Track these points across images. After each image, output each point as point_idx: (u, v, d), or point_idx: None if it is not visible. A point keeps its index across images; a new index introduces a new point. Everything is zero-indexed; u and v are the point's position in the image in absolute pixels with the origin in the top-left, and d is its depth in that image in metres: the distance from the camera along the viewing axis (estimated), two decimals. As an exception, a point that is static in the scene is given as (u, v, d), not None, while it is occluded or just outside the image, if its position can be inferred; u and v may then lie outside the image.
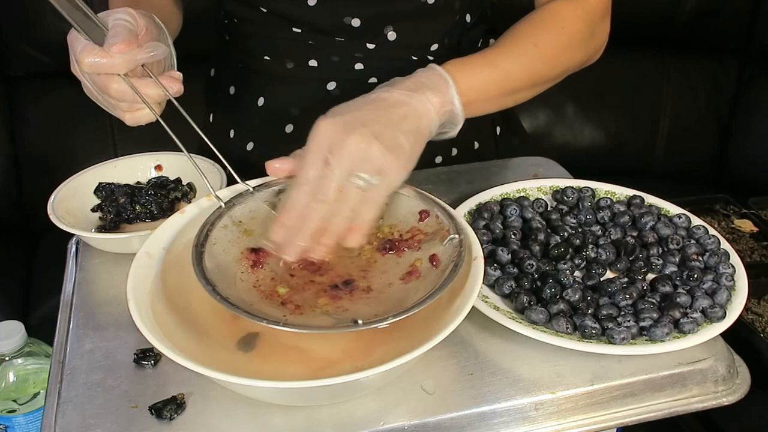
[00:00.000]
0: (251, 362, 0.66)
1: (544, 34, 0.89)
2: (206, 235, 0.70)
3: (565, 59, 0.90)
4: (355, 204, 0.70)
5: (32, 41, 1.72)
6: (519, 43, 0.88)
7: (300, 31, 0.97)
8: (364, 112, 0.73)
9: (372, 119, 0.72)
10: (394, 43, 0.98)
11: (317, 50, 0.99)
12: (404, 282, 0.69)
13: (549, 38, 0.89)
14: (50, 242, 1.69)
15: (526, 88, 0.88)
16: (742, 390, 0.72)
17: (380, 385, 0.66)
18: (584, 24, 0.92)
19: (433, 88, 0.78)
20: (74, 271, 0.84)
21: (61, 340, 0.74)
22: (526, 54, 0.87)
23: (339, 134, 0.70)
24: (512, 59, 0.86)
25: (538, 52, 0.88)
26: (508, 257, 0.79)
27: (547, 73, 0.89)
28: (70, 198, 0.89)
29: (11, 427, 1.11)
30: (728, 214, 1.36)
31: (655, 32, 1.94)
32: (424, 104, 0.76)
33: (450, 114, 0.80)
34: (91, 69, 0.73)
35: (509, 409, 0.66)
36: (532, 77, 0.88)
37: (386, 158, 0.70)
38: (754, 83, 1.91)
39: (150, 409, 0.65)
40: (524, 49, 0.87)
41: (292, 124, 1.03)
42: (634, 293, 0.75)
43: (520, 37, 0.89)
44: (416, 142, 0.74)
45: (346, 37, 0.97)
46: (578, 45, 0.92)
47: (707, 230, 0.85)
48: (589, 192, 0.90)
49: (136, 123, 0.78)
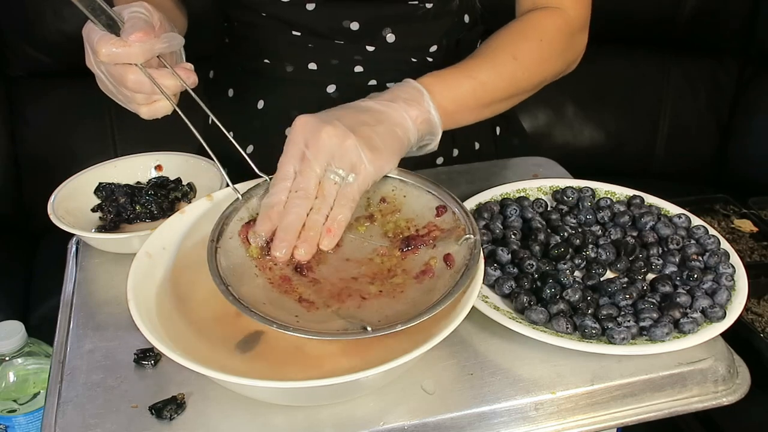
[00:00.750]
0: (251, 362, 0.66)
1: (523, 45, 0.90)
2: (221, 229, 0.71)
3: (543, 70, 0.91)
4: (332, 202, 0.71)
5: (32, 41, 1.72)
6: (498, 54, 0.89)
7: (299, 35, 0.97)
8: (342, 112, 0.75)
9: (348, 117, 0.73)
10: (393, 45, 0.98)
11: (317, 53, 0.99)
12: (417, 281, 0.69)
13: (528, 50, 0.89)
14: (50, 242, 1.69)
15: (504, 99, 0.89)
16: (742, 390, 0.72)
17: (380, 385, 0.66)
18: (563, 35, 0.92)
19: (408, 99, 0.79)
20: (74, 271, 0.84)
21: (61, 340, 0.74)
22: (505, 65, 0.88)
23: (315, 127, 0.71)
24: (490, 71, 0.87)
25: (516, 65, 0.88)
26: (508, 257, 0.79)
27: (526, 84, 0.90)
28: (70, 198, 0.89)
29: (11, 427, 1.11)
30: (728, 214, 1.36)
31: (655, 32, 1.93)
32: (399, 113, 0.78)
33: (428, 124, 0.81)
34: (109, 59, 0.73)
35: (509, 409, 0.66)
36: (509, 89, 0.89)
37: (360, 152, 0.71)
38: (754, 83, 1.91)
39: (150, 409, 0.65)
40: (503, 60, 0.88)
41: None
42: (634, 293, 0.75)
43: (500, 48, 0.89)
44: (391, 145, 0.75)
45: (345, 40, 0.97)
46: (557, 56, 0.92)
47: (707, 230, 0.85)
48: (589, 192, 0.90)
49: (153, 116, 0.78)
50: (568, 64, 0.95)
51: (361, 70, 0.99)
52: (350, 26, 0.96)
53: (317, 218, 0.70)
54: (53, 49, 1.70)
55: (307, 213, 0.70)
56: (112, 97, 0.79)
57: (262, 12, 0.97)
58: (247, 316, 0.63)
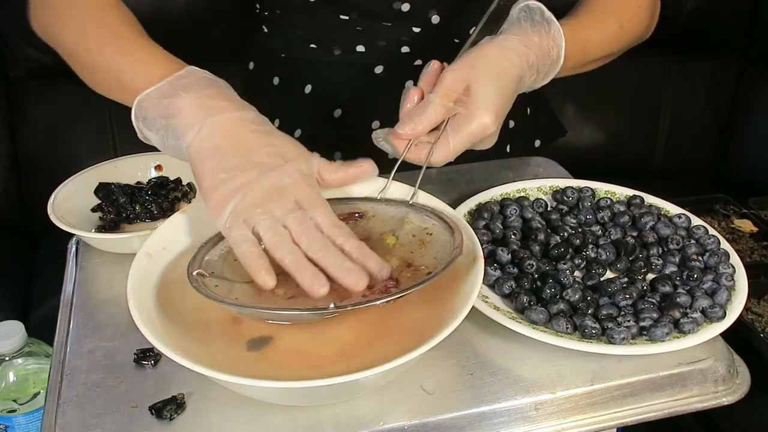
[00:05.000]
0: (251, 362, 0.66)
1: (628, 10, 0.92)
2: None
3: (638, 37, 0.95)
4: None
5: (32, 41, 1.71)
6: (605, 19, 0.90)
7: (348, 18, 1.00)
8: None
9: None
10: (437, 26, 1.00)
11: (365, 35, 1.01)
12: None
13: (630, 17, 0.92)
14: (50, 242, 1.69)
15: (597, 61, 0.91)
16: (742, 390, 0.72)
17: (380, 385, 0.66)
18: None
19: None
20: (74, 271, 0.84)
21: (61, 340, 0.74)
22: (611, 32, 0.90)
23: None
24: (597, 32, 0.88)
25: (620, 33, 0.91)
26: (508, 257, 0.79)
27: (620, 50, 0.93)
28: (70, 198, 0.89)
29: (11, 427, 1.11)
30: (728, 214, 1.35)
31: (656, 32, 1.93)
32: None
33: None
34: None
35: (509, 409, 0.66)
36: (605, 55, 0.91)
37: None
38: (754, 83, 1.91)
39: (150, 409, 0.65)
40: (609, 27, 0.90)
41: (340, 108, 1.05)
42: (634, 293, 0.75)
43: (606, 11, 0.91)
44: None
45: (393, 21, 0.99)
46: (649, 23, 0.96)
47: (707, 230, 0.85)
48: (589, 192, 0.90)
49: None
50: (650, 29, 0.98)
51: (408, 50, 1.01)
52: (401, 8, 0.98)
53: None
54: (53, 49, 1.70)
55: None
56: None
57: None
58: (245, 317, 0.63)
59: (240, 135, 0.70)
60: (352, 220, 0.75)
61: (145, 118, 0.73)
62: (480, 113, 0.73)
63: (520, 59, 0.77)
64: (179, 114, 0.70)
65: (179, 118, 0.70)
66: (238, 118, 0.71)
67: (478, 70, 0.74)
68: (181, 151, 0.71)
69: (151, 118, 0.73)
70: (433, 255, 0.70)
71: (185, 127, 0.70)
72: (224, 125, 0.70)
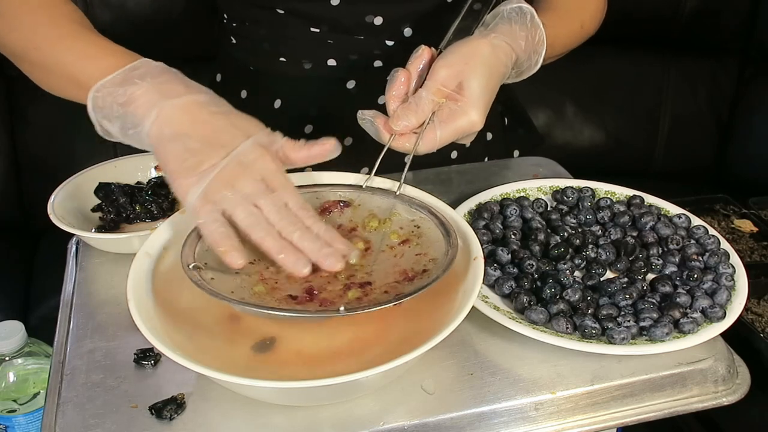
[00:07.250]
0: (251, 362, 0.66)
1: (588, 10, 0.95)
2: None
3: (590, 34, 0.97)
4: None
5: (32, 41, 1.72)
6: (571, 17, 0.93)
7: (318, 31, 0.97)
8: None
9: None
10: (410, 39, 0.99)
11: (336, 49, 0.99)
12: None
13: (591, 17, 0.95)
14: (50, 242, 1.69)
15: (553, 57, 0.91)
16: (742, 390, 0.72)
17: (380, 385, 0.66)
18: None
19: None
20: (74, 271, 0.84)
21: (61, 340, 0.74)
22: (573, 30, 0.93)
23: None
24: (561, 30, 0.90)
25: (581, 32, 0.93)
26: (508, 257, 0.79)
27: (573, 48, 0.95)
28: (70, 198, 0.89)
29: (11, 427, 1.11)
30: (728, 214, 1.35)
31: (655, 32, 1.93)
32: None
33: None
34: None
35: (509, 409, 0.66)
36: (565, 52, 0.94)
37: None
38: (754, 83, 1.91)
39: (150, 409, 0.65)
40: (572, 27, 0.93)
41: (311, 124, 1.02)
42: (634, 293, 0.75)
43: (571, 12, 0.93)
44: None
45: (365, 35, 0.97)
46: (602, 18, 0.98)
47: (707, 230, 0.85)
48: (589, 192, 0.90)
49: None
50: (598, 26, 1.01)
51: (381, 64, 0.99)
52: (373, 21, 0.96)
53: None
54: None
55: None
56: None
57: (279, 9, 0.96)
58: (246, 315, 0.63)
59: (200, 117, 0.70)
60: (337, 209, 0.75)
61: (102, 108, 0.74)
62: (471, 110, 0.74)
63: (506, 58, 0.79)
64: (136, 100, 0.71)
65: (136, 104, 0.71)
66: (196, 101, 0.71)
67: (472, 68, 0.75)
68: (141, 138, 0.71)
69: (108, 106, 0.73)
70: (424, 250, 0.71)
71: (143, 112, 0.70)
72: (183, 108, 0.70)
